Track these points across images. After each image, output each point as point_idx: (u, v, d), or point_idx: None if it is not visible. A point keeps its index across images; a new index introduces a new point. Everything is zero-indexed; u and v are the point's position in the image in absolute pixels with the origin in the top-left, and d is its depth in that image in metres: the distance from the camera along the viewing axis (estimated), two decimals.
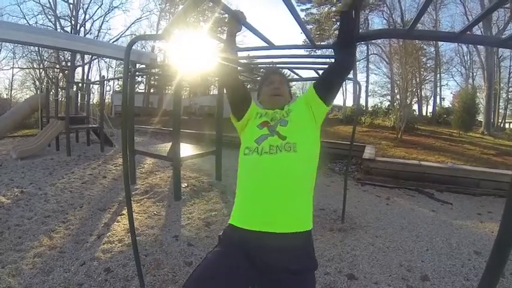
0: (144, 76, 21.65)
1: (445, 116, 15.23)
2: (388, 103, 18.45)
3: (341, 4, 1.19)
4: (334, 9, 20.22)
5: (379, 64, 21.65)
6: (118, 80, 25.00)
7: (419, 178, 5.39)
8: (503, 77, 20.61)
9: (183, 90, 25.07)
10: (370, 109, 18.17)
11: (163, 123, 14.56)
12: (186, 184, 4.60)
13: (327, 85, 1.22)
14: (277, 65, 3.54)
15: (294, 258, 0.96)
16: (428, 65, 19.63)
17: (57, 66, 20.72)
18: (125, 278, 2.12)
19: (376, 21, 21.48)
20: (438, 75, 20.02)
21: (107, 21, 33.46)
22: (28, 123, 12.92)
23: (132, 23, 25.17)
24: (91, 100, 11.52)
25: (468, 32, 1.28)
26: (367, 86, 22.24)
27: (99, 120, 8.88)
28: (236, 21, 1.27)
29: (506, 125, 21.30)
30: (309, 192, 1.06)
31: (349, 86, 20.98)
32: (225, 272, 0.93)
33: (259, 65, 3.60)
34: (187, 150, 7.20)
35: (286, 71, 3.99)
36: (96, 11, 21.27)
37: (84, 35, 19.85)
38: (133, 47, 1.92)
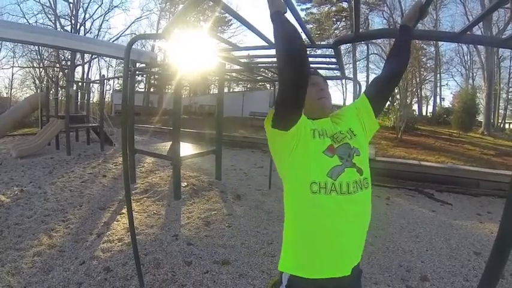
0: (144, 75, 21.64)
1: (445, 116, 15.24)
2: (388, 103, 18.46)
3: (405, 18, 1.14)
4: (334, 8, 20.21)
5: (379, 64, 21.63)
6: (118, 79, 24.97)
7: (419, 178, 5.39)
8: (503, 77, 20.59)
9: (183, 89, 25.09)
10: None
11: (163, 123, 14.55)
12: (185, 183, 4.60)
13: (383, 93, 1.12)
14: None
15: (358, 275, 0.99)
16: (428, 65, 19.64)
17: (57, 65, 20.69)
18: (124, 277, 2.12)
19: (376, 21, 21.46)
20: (438, 75, 20.02)
21: (107, 20, 33.37)
22: (28, 122, 12.90)
23: (132, 22, 24.98)
24: (91, 99, 11.49)
25: (468, 32, 1.28)
26: (367, 86, 22.19)
27: (99, 119, 8.87)
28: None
29: (506, 126, 21.30)
30: None
31: (349, 85, 21.02)
32: None
33: (259, 65, 3.59)
34: (187, 149, 7.20)
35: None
36: (96, 10, 21.25)
37: (84, 34, 19.82)
38: (134, 46, 1.92)
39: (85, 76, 21.38)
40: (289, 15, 1.45)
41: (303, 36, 1.18)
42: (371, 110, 1.07)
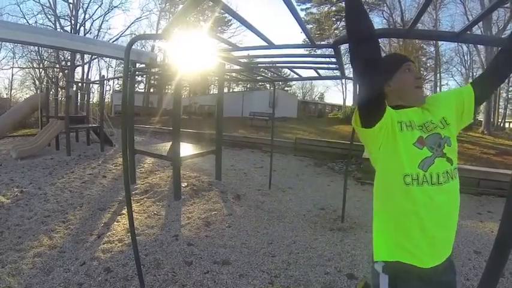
0: (144, 76, 21.65)
1: None
2: None
3: None
4: (334, 8, 20.22)
5: None
6: (118, 79, 24.99)
7: None
8: None
9: (183, 89, 25.09)
10: None
11: (163, 123, 14.57)
12: (186, 183, 4.60)
13: (488, 88, 1.08)
14: (277, 65, 3.54)
15: (452, 266, 1.02)
16: (429, 64, 19.65)
17: (57, 65, 20.70)
18: (124, 277, 2.12)
19: (376, 21, 21.46)
20: (438, 74, 20.02)
21: (107, 20, 33.55)
22: (28, 122, 12.91)
23: (132, 23, 25.12)
24: (91, 100, 11.50)
25: (468, 32, 1.28)
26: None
27: (99, 119, 8.88)
28: None
29: (506, 125, 21.32)
30: None
31: (349, 85, 21.10)
32: None
33: (259, 65, 3.59)
34: (187, 149, 7.21)
35: (285, 70, 3.98)
36: (95, 11, 21.25)
37: (84, 35, 19.82)
38: (133, 47, 1.92)
39: (85, 77, 21.40)
40: (289, 15, 1.45)
41: (303, 36, 1.17)
42: (473, 102, 1.03)
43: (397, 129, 0.91)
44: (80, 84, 13.60)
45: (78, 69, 21.29)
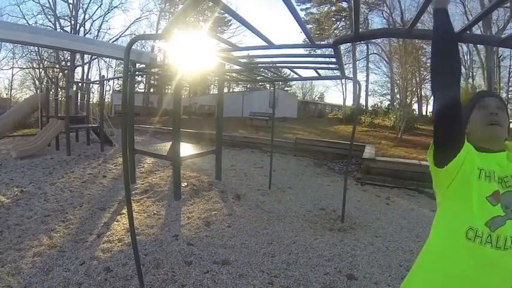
0: (144, 76, 21.66)
1: None
2: (388, 102, 18.53)
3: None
4: (333, 8, 20.24)
5: (379, 63, 21.75)
6: (118, 79, 24.98)
7: (419, 178, 5.38)
8: (503, 76, 20.55)
9: (183, 89, 25.10)
10: (370, 108, 18.22)
11: (163, 123, 14.56)
12: (185, 183, 4.60)
13: None
14: (277, 65, 3.54)
15: None
16: (428, 64, 19.64)
17: (57, 66, 20.69)
18: (124, 277, 2.12)
19: (376, 21, 21.51)
20: None
21: (107, 21, 33.47)
22: (28, 122, 12.90)
23: (132, 23, 24.98)
24: (91, 100, 11.50)
25: (468, 32, 1.28)
26: (367, 86, 22.29)
27: (99, 119, 8.88)
28: None
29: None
30: None
31: (349, 85, 21.11)
32: None
33: (259, 65, 3.60)
34: (187, 149, 7.18)
35: (285, 71, 3.97)
36: (95, 11, 21.22)
37: (84, 35, 19.82)
38: (133, 47, 1.92)
39: (85, 77, 21.39)
40: (289, 15, 1.45)
41: (303, 36, 1.14)
42: None
43: (475, 176, 0.82)
44: (80, 84, 13.61)
45: (78, 69, 21.29)
